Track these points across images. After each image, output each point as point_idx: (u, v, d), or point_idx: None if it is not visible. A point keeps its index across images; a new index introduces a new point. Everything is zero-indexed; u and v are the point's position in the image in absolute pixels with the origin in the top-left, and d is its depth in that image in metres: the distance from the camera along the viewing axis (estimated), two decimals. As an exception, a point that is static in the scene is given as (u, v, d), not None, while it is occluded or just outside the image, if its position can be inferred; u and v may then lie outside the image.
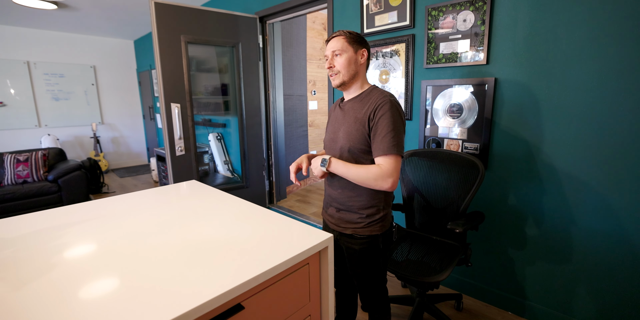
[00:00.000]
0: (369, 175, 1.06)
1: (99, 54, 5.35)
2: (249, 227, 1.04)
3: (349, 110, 1.17)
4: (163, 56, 2.37)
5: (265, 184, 3.29)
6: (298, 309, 0.93)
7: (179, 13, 2.41)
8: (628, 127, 1.32)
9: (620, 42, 1.29)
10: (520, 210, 1.67)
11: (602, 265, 1.48)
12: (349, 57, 1.12)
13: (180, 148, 2.61)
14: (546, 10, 1.43)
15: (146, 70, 5.34)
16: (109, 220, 1.11)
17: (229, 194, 1.42)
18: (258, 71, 2.96)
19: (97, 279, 0.75)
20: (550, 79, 1.47)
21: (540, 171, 1.57)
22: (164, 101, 2.45)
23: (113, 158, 5.75)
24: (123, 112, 5.78)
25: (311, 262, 0.94)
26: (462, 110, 1.74)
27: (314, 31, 3.92)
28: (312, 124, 4.21)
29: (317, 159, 1.18)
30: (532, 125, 1.55)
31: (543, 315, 1.67)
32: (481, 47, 1.61)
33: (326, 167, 1.13)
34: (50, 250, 0.90)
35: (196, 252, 0.86)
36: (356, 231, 1.17)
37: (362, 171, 1.07)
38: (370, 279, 1.23)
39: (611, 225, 1.43)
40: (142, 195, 1.41)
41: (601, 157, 1.41)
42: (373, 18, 2.02)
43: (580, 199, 1.49)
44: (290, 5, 2.59)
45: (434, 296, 1.80)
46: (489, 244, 1.80)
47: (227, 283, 0.71)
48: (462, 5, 1.62)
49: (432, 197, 1.72)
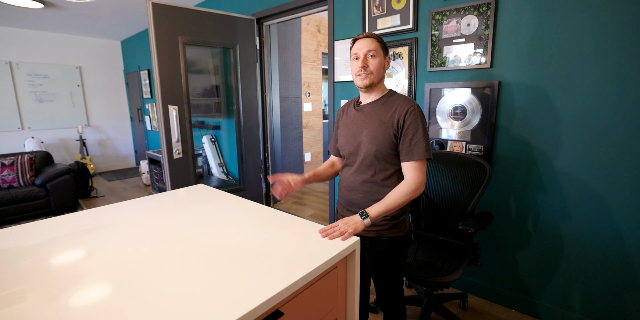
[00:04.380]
0: (407, 195, 1.09)
1: (84, 55, 5.20)
2: (274, 231, 1.04)
3: (371, 113, 1.17)
4: (160, 58, 2.32)
5: (263, 186, 3.27)
6: (328, 312, 0.93)
7: (177, 14, 2.37)
8: (626, 130, 1.38)
9: (621, 47, 1.35)
10: (523, 210, 1.71)
11: (598, 262, 1.54)
12: (381, 61, 1.15)
13: (178, 151, 2.56)
14: (549, 16, 1.48)
15: (134, 71, 5.22)
16: (127, 227, 1.09)
17: (241, 198, 1.40)
18: (256, 73, 2.94)
19: (132, 289, 0.72)
20: (552, 83, 1.52)
21: (542, 172, 1.62)
22: (161, 103, 2.40)
23: (100, 161, 5.59)
24: (110, 114, 5.63)
25: (339, 265, 0.95)
26: (465, 113, 1.78)
27: (308, 33, 3.92)
28: (307, 126, 4.20)
29: (350, 218, 1.07)
30: (535, 128, 1.60)
31: (545, 311, 1.72)
32: (485, 51, 1.65)
33: (369, 218, 1.06)
34: (74, 259, 0.87)
35: (228, 259, 0.85)
36: (380, 234, 1.17)
37: (399, 197, 1.08)
38: (391, 280, 1.24)
39: (608, 224, 1.49)
40: (153, 201, 1.38)
41: (600, 159, 1.46)
42: (375, 21, 2.04)
43: (580, 199, 1.54)
44: (288, 7, 2.59)
45: (441, 296, 1.83)
46: (492, 243, 1.85)
47: (267, 290, 0.71)
48: (467, 10, 1.66)
49: (438, 198, 1.75)
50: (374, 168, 1.17)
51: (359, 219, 1.06)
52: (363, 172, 1.19)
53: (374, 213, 1.07)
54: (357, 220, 1.05)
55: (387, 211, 1.08)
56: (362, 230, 1.05)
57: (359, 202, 1.20)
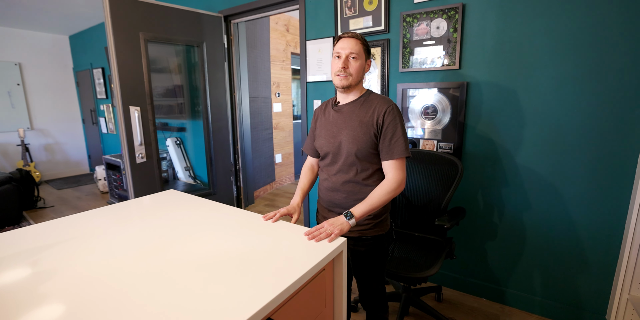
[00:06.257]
0: (390, 194, 1.10)
1: (26, 50, 4.72)
2: (257, 236, 1.00)
3: (350, 113, 1.17)
4: (120, 55, 2.17)
5: (233, 189, 3.17)
6: (317, 315, 0.91)
7: (137, 8, 2.22)
8: (579, 128, 1.51)
9: (575, 51, 1.47)
10: (490, 204, 1.81)
11: (555, 248, 1.67)
12: (362, 64, 1.15)
13: (141, 155, 2.41)
14: (511, 21, 1.58)
15: (86, 70, 4.84)
16: (92, 241, 0.99)
17: (217, 202, 1.34)
18: (224, 72, 2.84)
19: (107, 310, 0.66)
20: (515, 84, 1.62)
21: (505, 168, 1.73)
22: (121, 104, 2.23)
23: (47, 168, 5.11)
24: (58, 116, 5.16)
25: (327, 267, 0.93)
26: (436, 112, 1.85)
27: (277, 32, 3.87)
28: (277, 127, 4.14)
29: (336, 219, 1.06)
30: (499, 126, 1.70)
31: (511, 297, 1.83)
32: (454, 53, 1.72)
33: (354, 218, 1.06)
34: (32, 279, 0.77)
35: (212, 269, 0.80)
36: (363, 233, 1.18)
37: (382, 195, 1.09)
38: (374, 278, 1.24)
39: (563, 214, 1.62)
40: (118, 210, 1.27)
41: (557, 155, 1.59)
42: (347, 22, 2.06)
43: (539, 191, 1.66)
44: (258, 6, 2.53)
45: (417, 290, 1.88)
46: (463, 236, 1.93)
47: (259, 298, 0.68)
48: (436, 13, 1.72)
49: (413, 195, 1.79)
50: (355, 168, 1.17)
51: (344, 220, 1.05)
52: (345, 173, 1.19)
53: (358, 213, 1.07)
54: (342, 221, 1.05)
55: (370, 210, 1.09)
56: (347, 230, 1.04)
57: (342, 202, 1.20)
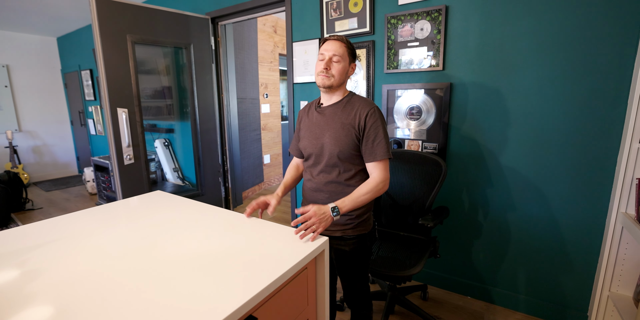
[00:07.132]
0: (374, 191, 1.12)
1: (14, 52, 4.66)
2: (241, 236, 1.01)
3: (332, 115, 1.19)
4: (107, 57, 2.16)
5: (222, 190, 3.17)
6: (299, 313, 0.93)
7: (124, 11, 2.22)
8: (561, 128, 1.55)
9: (556, 52, 1.50)
10: (474, 203, 1.85)
11: (538, 247, 1.70)
12: (345, 66, 1.16)
13: (129, 156, 2.40)
14: (494, 23, 1.61)
15: (74, 71, 4.79)
16: (79, 241, 0.99)
17: (203, 203, 1.35)
18: (212, 74, 2.84)
19: (93, 307, 0.67)
20: (498, 85, 1.66)
21: (489, 167, 1.76)
22: (109, 106, 2.23)
23: (35, 170, 5.05)
24: (46, 117, 5.10)
25: (309, 266, 0.95)
26: (421, 113, 1.88)
27: (264, 34, 3.88)
28: (265, 128, 4.15)
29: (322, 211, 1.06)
30: (483, 126, 1.73)
31: (496, 295, 1.87)
32: (437, 54, 1.75)
33: (340, 213, 1.08)
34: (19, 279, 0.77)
35: (197, 268, 0.81)
36: (346, 233, 1.19)
37: (367, 192, 1.11)
38: (358, 277, 1.26)
39: (546, 213, 1.66)
40: (106, 211, 1.28)
41: (539, 155, 1.63)
42: (333, 24, 2.08)
43: (522, 191, 1.70)
44: (245, 7, 2.54)
45: (403, 289, 1.91)
46: (448, 235, 1.96)
47: (240, 296, 0.69)
48: (420, 15, 1.75)
49: (398, 195, 1.82)
50: (338, 169, 1.19)
51: (330, 215, 1.07)
52: (328, 173, 1.21)
53: (344, 209, 1.10)
54: (328, 215, 1.06)
55: (355, 206, 1.12)
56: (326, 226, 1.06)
57: (325, 202, 1.22)
